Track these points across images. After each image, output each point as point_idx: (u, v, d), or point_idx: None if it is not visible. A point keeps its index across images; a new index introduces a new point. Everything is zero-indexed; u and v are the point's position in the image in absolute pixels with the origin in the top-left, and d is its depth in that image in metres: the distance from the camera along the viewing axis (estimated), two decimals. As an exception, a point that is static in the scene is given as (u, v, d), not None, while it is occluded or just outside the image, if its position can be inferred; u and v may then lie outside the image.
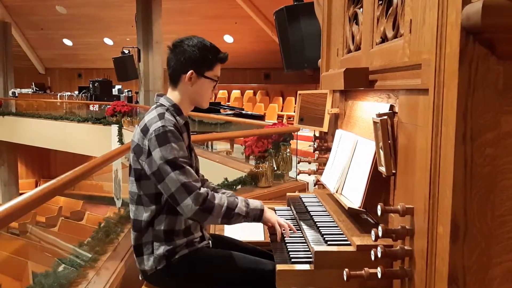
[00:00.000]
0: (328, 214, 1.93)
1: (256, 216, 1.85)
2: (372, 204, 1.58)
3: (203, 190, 1.76)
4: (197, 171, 2.01)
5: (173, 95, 1.93)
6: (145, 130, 1.81)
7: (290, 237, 1.83)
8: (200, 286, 1.89)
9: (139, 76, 12.98)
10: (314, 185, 2.39)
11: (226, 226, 2.36)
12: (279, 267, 1.54)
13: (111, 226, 2.98)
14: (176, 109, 1.90)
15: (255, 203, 1.87)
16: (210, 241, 1.99)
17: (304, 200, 2.20)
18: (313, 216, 1.92)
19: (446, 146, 1.08)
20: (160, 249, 1.84)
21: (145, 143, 1.79)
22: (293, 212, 2.10)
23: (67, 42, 20.04)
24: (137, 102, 14.68)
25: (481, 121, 1.04)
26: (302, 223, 1.86)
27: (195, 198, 1.72)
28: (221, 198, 1.80)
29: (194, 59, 1.87)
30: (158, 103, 1.92)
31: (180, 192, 1.73)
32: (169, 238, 1.84)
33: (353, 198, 1.67)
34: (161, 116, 1.81)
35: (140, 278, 1.94)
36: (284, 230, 1.86)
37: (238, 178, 4.46)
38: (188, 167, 1.76)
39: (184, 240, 1.86)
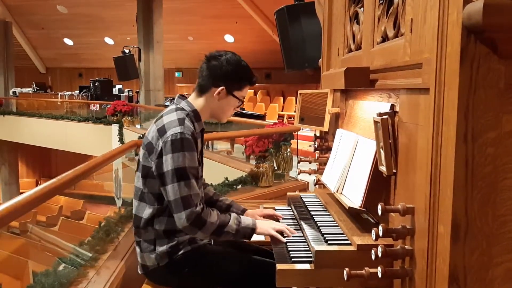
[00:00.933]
0: (328, 213, 1.93)
1: (246, 234, 1.86)
2: (372, 203, 1.58)
3: (198, 208, 1.76)
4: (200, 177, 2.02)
5: (196, 102, 1.94)
6: (162, 131, 1.81)
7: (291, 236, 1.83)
8: (202, 284, 1.90)
9: (140, 75, 12.99)
10: (315, 185, 2.39)
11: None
12: (279, 266, 1.54)
13: (112, 226, 2.98)
14: (195, 115, 1.91)
15: (247, 222, 1.87)
16: (211, 239, 2.00)
17: (304, 199, 2.19)
18: (313, 216, 1.92)
19: (447, 145, 1.08)
20: (163, 246, 1.85)
21: (158, 143, 1.80)
22: (293, 212, 2.09)
23: (68, 41, 20.05)
24: (137, 101, 14.68)
25: (482, 120, 1.03)
26: (302, 223, 1.86)
27: (189, 214, 1.74)
28: (215, 216, 1.81)
29: (228, 76, 1.89)
30: (178, 106, 1.92)
31: (177, 204, 1.75)
32: (171, 236, 1.85)
33: (354, 197, 1.67)
34: (181, 122, 1.81)
35: (139, 272, 1.94)
36: (284, 234, 1.84)
37: (239, 178, 4.47)
38: (193, 180, 1.77)
39: (187, 238, 1.87)
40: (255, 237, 2.04)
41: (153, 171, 1.82)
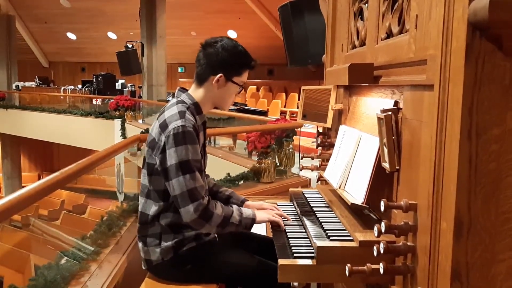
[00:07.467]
0: (330, 209, 1.93)
1: (248, 225, 1.89)
2: (375, 200, 1.58)
3: (205, 200, 1.77)
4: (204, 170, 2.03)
5: (196, 93, 1.92)
6: (163, 126, 1.80)
7: (293, 232, 1.83)
8: (205, 279, 1.91)
9: (143, 70, 12.99)
10: (317, 181, 2.38)
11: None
12: (281, 262, 1.54)
13: (114, 220, 2.98)
14: (196, 108, 1.89)
15: (247, 212, 1.90)
16: (216, 235, 2.00)
17: (307, 195, 2.19)
18: (315, 212, 1.92)
19: (451, 142, 1.08)
20: (168, 241, 1.86)
21: (161, 139, 1.80)
22: (295, 208, 2.10)
23: (71, 35, 20.04)
24: (140, 96, 14.68)
25: (486, 117, 1.03)
26: (304, 219, 1.86)
27: (196, 206, 1.75)
28: (219, 207, 1.83)
29: (226, 63, 1.86)
30: (179, 99, 1.90)
31: (184, 198, 1.75)
32: (177, 231, 1.86)
33: (356, 194, 1.66)
34: (181, 115, 1.80)
35: (143, 267, 1.94)
36: (279, 224, 1.89)
37: (241, 174, 4.46)
38: (197, 172, 1.77)
39: (193, 233, 1.88)
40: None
41: (157, 167, 1.82)
